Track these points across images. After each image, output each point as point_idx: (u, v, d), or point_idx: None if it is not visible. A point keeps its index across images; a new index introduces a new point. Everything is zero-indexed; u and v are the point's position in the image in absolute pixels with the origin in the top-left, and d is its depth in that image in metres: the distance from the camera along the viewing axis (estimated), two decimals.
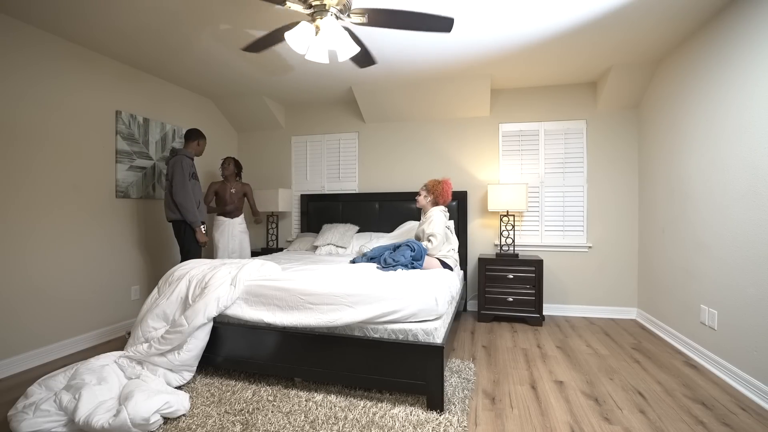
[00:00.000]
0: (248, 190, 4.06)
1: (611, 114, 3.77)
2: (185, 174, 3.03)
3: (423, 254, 2.75)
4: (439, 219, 3.02)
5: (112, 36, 2.79)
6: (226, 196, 3.83)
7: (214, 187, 3.86)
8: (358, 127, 4.43)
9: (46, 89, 2.73)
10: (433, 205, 3.16)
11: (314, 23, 2.01)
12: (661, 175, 3.25)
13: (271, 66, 3.36)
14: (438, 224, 2.98)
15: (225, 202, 3.82)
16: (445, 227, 3.04)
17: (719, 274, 2.48)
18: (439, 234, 2.94)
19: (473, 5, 2.39)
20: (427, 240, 2.97)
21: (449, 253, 3.02)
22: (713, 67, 2.55)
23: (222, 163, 3.90)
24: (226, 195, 3.83)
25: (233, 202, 3.86)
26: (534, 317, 3.50)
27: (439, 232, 2.95)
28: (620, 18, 2.56)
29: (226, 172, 3.87)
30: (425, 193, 3.19)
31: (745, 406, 2.06)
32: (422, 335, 2.04)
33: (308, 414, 1.95)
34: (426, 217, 3.11)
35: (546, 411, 2.02)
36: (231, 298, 2.31)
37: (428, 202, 3.17)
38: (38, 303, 2.69)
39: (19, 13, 2.46)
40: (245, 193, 4.02)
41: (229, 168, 3.87)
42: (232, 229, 3.83)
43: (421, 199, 3.21)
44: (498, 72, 3.52)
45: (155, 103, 3.63)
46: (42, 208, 2.71)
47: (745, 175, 2.25)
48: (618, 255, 3.76)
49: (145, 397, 1.83)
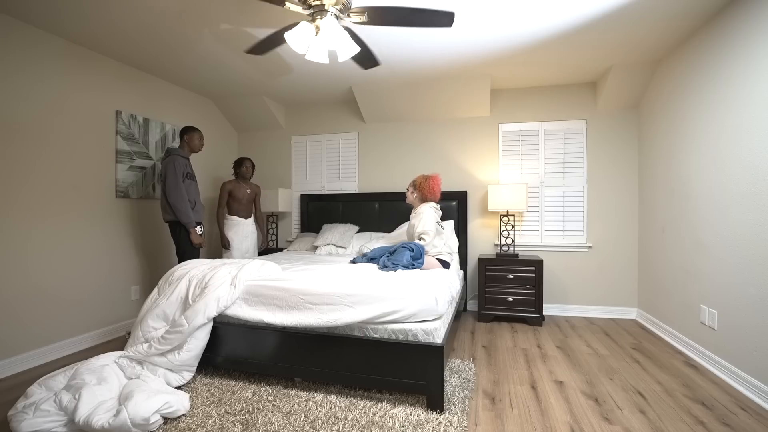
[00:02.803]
0: (259, 192, 4.07)
1: (611, 114, 3.77)
2: (178, 174, 3.00)
3: (422, 253, 2.73)
4: (429, 215, 2.92)
5: (112, 36, 2.79)
6: (241, 196, 3.80)
7: (228, 188, 3.77)
8: (358, 127, 4.43)
9: (46, 89, 2.73)
10: (421, 202, 3.07)
11: (314, 23, 2.01)
12: (661, 175, 3.25)
13: (271, 67, 3.36)
14: (428, 221, 2.90)
15: (240, 203, 3.80)
16: (436, 223, 2.95)
17: (719, 274, 2.48)
18: (431, 231, 2.87)
19: (473, 5, 2.39)
20: (418, 239, 2.90)
21: (443, 249, 2.96)
22: (713, 67, 2.55)
23: (240, 163, 3.84)
24: (241, 195, 3.80)
25: (248, 202, 3.87)
26: (534, 317, 3.50)
27: (429, 228, 2.87)
28: (620, 18, 2.56)
29: (247, 174, 3.85)
30: (412, 189, 3.10)
31: (745, 406, 2.06)
32: (422, 335, 2.04)
33: (308, 414, 1.95)
34: (415, 214, 3.02)
35: (546, 411, 2.02)
36: (231, 298, 2.31)
37: (416, 198, 3.09)
38: (38, 303, 2.69)
39: (20, 13, 2.47)
40: (257, 194, 4.02)
41: (249, 169, 3.87)
42: (245, 230, 3.81)
43: (408, 195, 3.13)
44: (498, 72, 3.52)
45: (155, 103, 3.63)
46: (42, 207, 2.71)
47: (745, 175, 2.25)
48: (618, 255, 3.76)
49: (145, 397, 1.83)
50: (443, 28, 2.26)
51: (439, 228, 2.99)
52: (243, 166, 3.85)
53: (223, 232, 3.73)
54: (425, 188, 3.03)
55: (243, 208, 3.82)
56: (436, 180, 3.05)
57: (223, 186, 3.78)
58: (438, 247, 2.92)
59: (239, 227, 3.78)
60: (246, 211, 3.85)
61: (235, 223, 3.78)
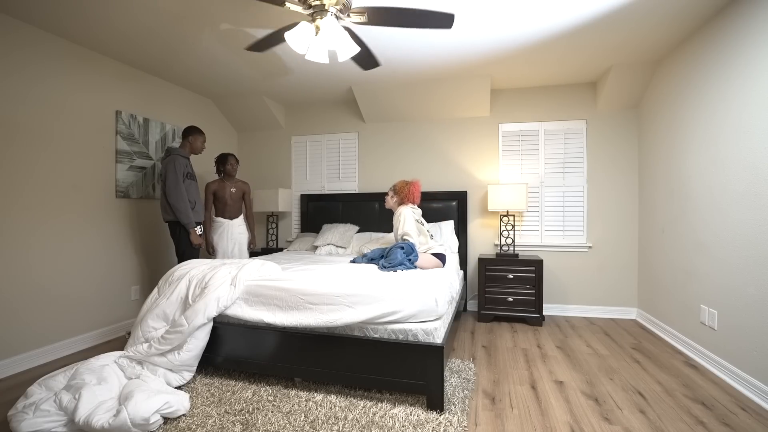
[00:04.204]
0: (248, 190, 3.86)
1: (611, 114, 3.77)
2: (178, 174, 2.97)
3: (413, 248, 2.74)
4: (408, 215, 2.93)
5: (112, 36, 2.79)
6: (226, 196, 3.61)
7: (212, 188, 3.60)
8: (358, 127, 4.43)
9: (47, 89, 2.73)
10: (399, 205, 3.09)
11: (314, 23, 2.01)
12: (661, 175, 3.25)
13: (271, 67, 3.36)
14: (408, 221, 2.91)
15: (225, 203, 3.61)
16: (415, 221, 2.97)
17: (719, 274, 2.48)
18: (411, 231, 2.88)
19: (473, 4, 2.39)
20: (401, 240, 2.90)
21: (431, 243, 2.98)
22: (713, 67, 2.55)
23: (224, 160, 3.64)
24: (226, 195, 3.61)
25: (234, 202, 3.69)
26: (534, 317, 3.50)
27: (410, 229, 2.89)
28: (620, 18, 2.56)
29: (232, 171, 3.66)
30: (392, 194, 3.13)
31: (745, 406, 2.06)
32: (422, 335, 2.04)
33: (308, 414, 1.95)
34: (396, 218, 3.02)
35: (546, 411, 2.02)
36: (231, 298, 2.31)
37: (395, 202, 3.12)
38: (38, 303, 2.69)
39: (20, 13, 2.46)
40: (245, 192, 3.83)
41: (234, 165, 3.67)
42: (231, 231, 3.62)
43: (388, 199, 3.15)
44: (498, 72, 3.52)
45: (155, 103, 3.62)
46: (42, 207, 2.71)
47: (745, 175, 2.25)
48: (618, 255, 3.76)
49: (145, 397, 1.83)
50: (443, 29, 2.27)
51: (420, 226, 3.01)
52: (228, 164, 3.64)
53: (208, 236, 3.54)
54: (404, 193, 3.06)
55: (228, 208, 3.63)
56: (416, 186, 3.10)
57: (207, 187, 3.61)
58: (427, 244, 2.94)
59: (223, 229, 3.59)
60: (232, 212, 3.66)
61: (218, 225, 3.60)
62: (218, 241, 3.58)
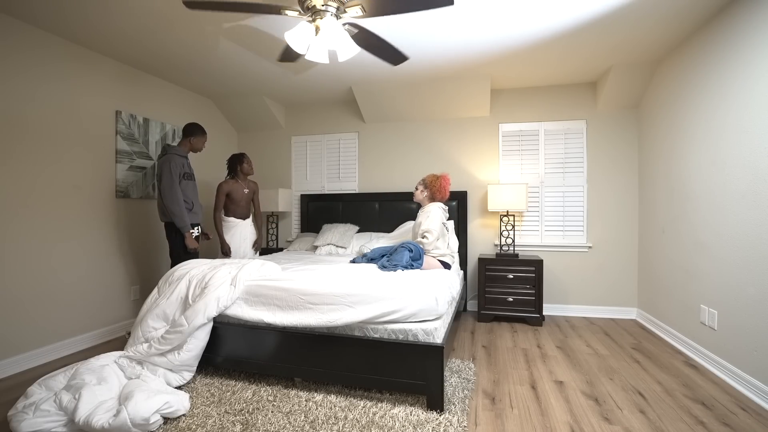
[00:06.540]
0: (257, 190, 3.85)
1: (611, 114, 3.77)
2: (173, 175, 2.88)
3: (421, 254, 2.73)
4: (436, 215, 2.91)
5: (112, 36, 2.79)
6: (240, 196, 3.58)
7: (226, 189, 3.50)
8: (358, 127, 4.43)
9: (46, 89, 2.73)
10: (430, 201, 3.06)
11: (314, 23, 2.01)
12: (661, 175, 3.25)
13: (271, 67, 3.35)
14: (434, 220, 2.87)
15: (239, 203, 3.58)
16: (442, 224, 2.93)
17: (719, 274, 2.48)
18: (434, 230, 2.84)
19: (473, 5, 2.39)
20: (421, 236, 2.87)
21: (446, 251, 2.95)
22: (713, 67, 2.55)
23: (241, 159, 3.59)
24: (240, 195, 3.58)
25: (247, 202, 3.67)
26: (534, 317, 3.50)
27: (434, 228, 2.84)
28: (620, 18, 2.56)
29: (250, 170, 3.63)
30: (422, 188, 3.08)
31: (745, 406, 2.06)
32: (422, 335, 2.04)
33: (308, 414, 1.95)
34: (422, 212, 2.99)
35: (546, 411, 2.02)
36: (231, 298, 2.31)
37: (425, 197, 3.07)
38: (38, 303, 2.69)
39: (20, 13, 2.46)
40: (255, 192, 3.81)
41: (251, 164, 3.65)
42: (244, 231, 3.61)
43: (417, 193, 3.11)
44: (498, 72, 3.52)
45: (155, 103, 3.62)
46: (42, 207, 2.71)
47: (745, 175, 2.25)
48: (618, 255, 3.76)
49: (145, 397, 1.83)
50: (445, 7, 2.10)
51: (444, 230, 2.98)
52: (244, 162, 3.59)
53: (223, 238, 3.51)
54: (435, 187, 3.03)
55: (241, 209, 3.62)
56: (447, 180, 3.07)
57: (220, 187, 3.52)
58: (440, 249, 2.91)
59: (237, 229, 3.56)
60: (244, 212, 3.65)
61: (232, 225, 3.56)
62: (230, 240, 3.56)
